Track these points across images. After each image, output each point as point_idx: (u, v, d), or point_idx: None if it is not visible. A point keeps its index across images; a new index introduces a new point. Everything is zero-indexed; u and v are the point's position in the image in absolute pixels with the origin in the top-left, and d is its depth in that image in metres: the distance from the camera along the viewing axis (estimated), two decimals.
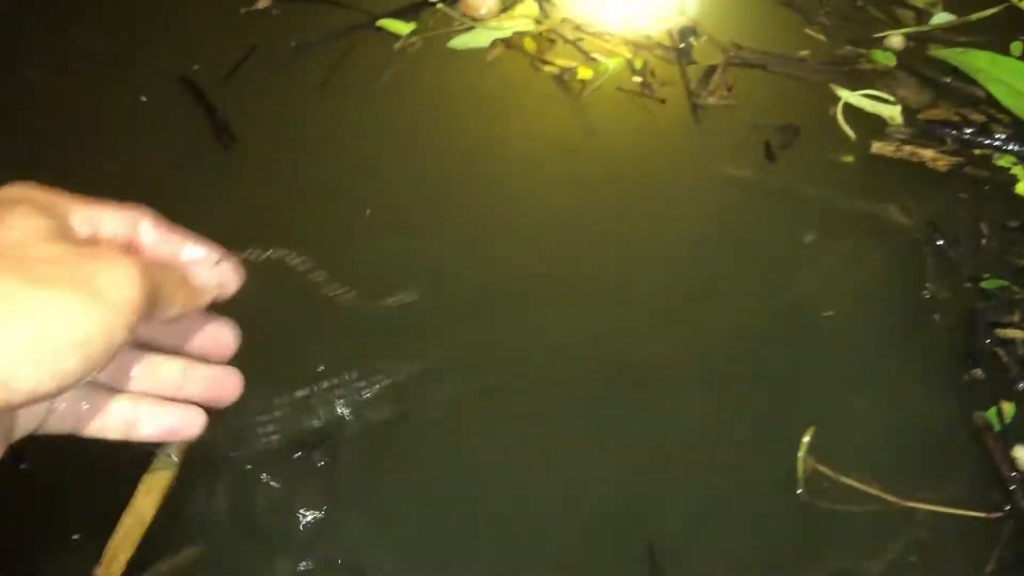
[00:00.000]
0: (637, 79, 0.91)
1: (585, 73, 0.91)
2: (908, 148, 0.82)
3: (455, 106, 0.90)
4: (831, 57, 0.92)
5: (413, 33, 0.96)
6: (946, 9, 0.96)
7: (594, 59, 0.93)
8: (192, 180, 0.82)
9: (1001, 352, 0.72)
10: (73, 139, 0.84)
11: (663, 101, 0.89)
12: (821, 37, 0.95)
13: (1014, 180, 0.80)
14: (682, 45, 0.93)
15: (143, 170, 0.81)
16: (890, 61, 0.90)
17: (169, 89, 0.88)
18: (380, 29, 0.95)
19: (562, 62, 0.93)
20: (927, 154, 0.82)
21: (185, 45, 0.93)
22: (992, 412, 0.70)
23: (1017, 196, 0.80)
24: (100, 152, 0.83)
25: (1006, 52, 0.90)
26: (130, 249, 0.40)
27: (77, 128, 0.85)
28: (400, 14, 0.97)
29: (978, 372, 0.71)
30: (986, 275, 0.75)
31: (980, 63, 0.88)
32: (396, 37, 0.95)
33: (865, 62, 0.91)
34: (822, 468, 0.65)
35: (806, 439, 0.66)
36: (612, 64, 0.92)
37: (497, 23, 0.96)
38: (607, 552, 0.63)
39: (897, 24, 0.95)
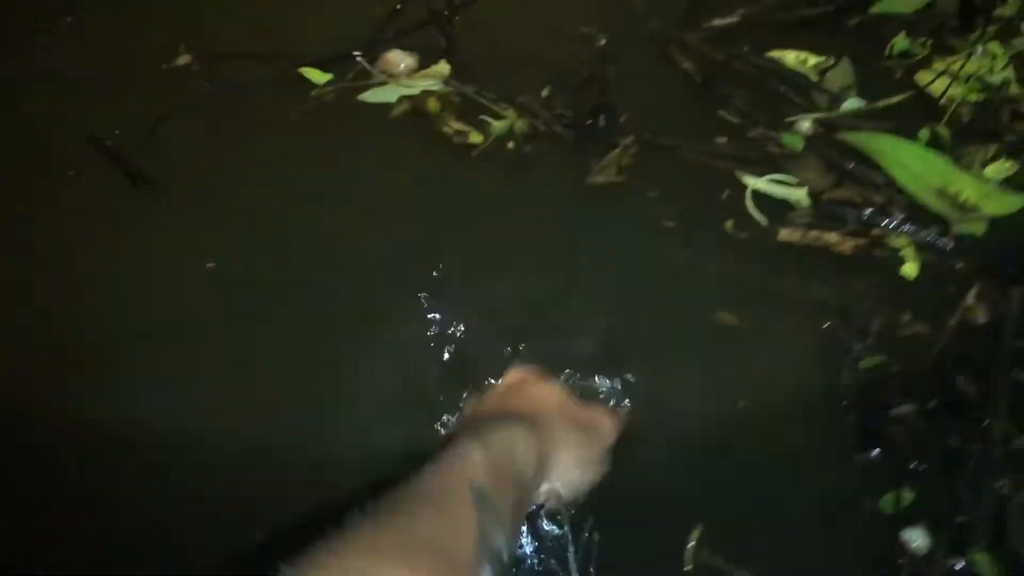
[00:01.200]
0: (526, 149, 0.95)
1: (476, 137, 0.95)
2: (813, 233, 0.84)
3: (355, 158, 0.96)
4: (743, 141, 0.95)
5: (330, 83, 1.01)
6: (859, 94, 1.00)
7: (486, 123, 0.97)
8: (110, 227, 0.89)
9: (896, 431, 0.74)
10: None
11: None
12: (735, 120, 0.97)
13: (902, 261, 0.82)
14: (589, 122, 0.96)
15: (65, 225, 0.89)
16: (797, 145, 0.93)
17: (84, 149, 0.96)
18: (300, 77, 1.02)
19: (456, 125, 0.96)
20: (831, 238, 0.84)
21: (105, 105, 0.99)
22: (889, 498, 0.71)
23: (902, 277, 0.82)
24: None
25: (912, 138, 0.93)
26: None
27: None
28: (321, 64, 1.03)
29: (875, 453, 0.73)
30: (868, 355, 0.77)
31: (883, 147, 0.91)
32: (314, 86, 1.01)
33: (774, 146, 0.94)
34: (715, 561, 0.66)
35: (696, 534, 0.67)
36: (497, 128, 0.96)
37: (410, 81, 1.00)
38: None
39: (812, 108, 0.98)
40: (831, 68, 1.03)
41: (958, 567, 0.68)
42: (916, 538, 0.69)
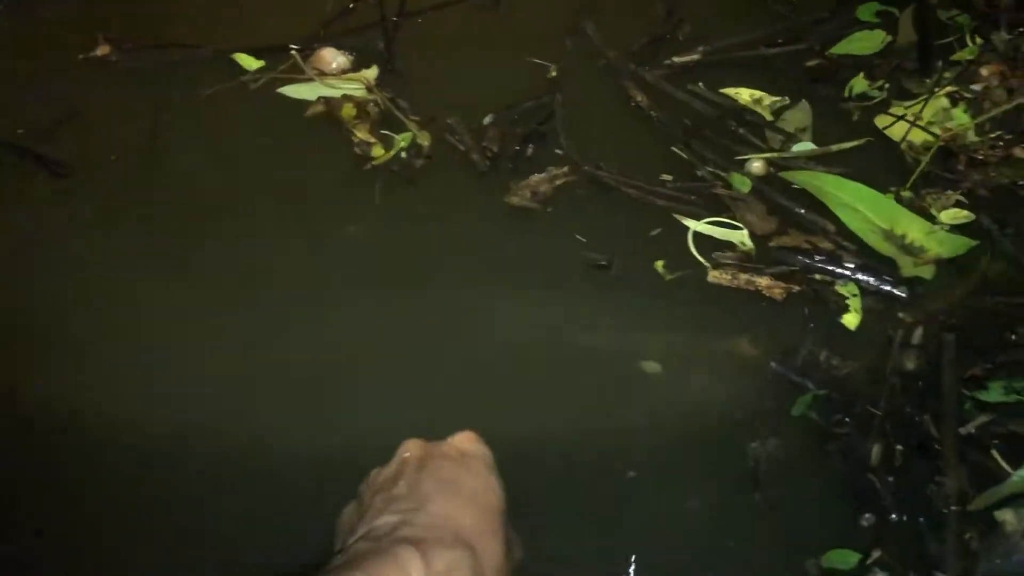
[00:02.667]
0: (425, 165, 0.95)
1: (378, 150, 0.95)
2: (744, 276, 0.81)
3: (259, 148, 0.98)
4: (690, 179, 0.93)
5: (260, 71, 1.03)
6: (816, 136, 0.97)
7: (390, 137, 0.96)
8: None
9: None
10: None
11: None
12: (685, 158, 0.95)
13: (845, 309, 0.79)
14: (517, 148, 0.95)
15: None
16: (745, 187, 0.90)
17: None
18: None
19: (363, 134, 0.96)
20: (762, 282, 0.81)
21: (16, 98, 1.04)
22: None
23: (842, 326, 0.79)
24: None
25: (869, 182, 0.90)
26: None
27: None
28: (256, 52, 1.05)
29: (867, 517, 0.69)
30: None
31: (828, 187, 0.88)
32: (244, 72, 1.03)
33: (722, 186, 0.91)
34: None
35: None
36: (399, 141, 0.95)
37: (334, 82, 0.99)
38: None
39: (765, 149, 0.96)
40: (788, 108, 1.01)
41: None
42: None
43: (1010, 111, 0.97)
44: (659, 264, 0.83)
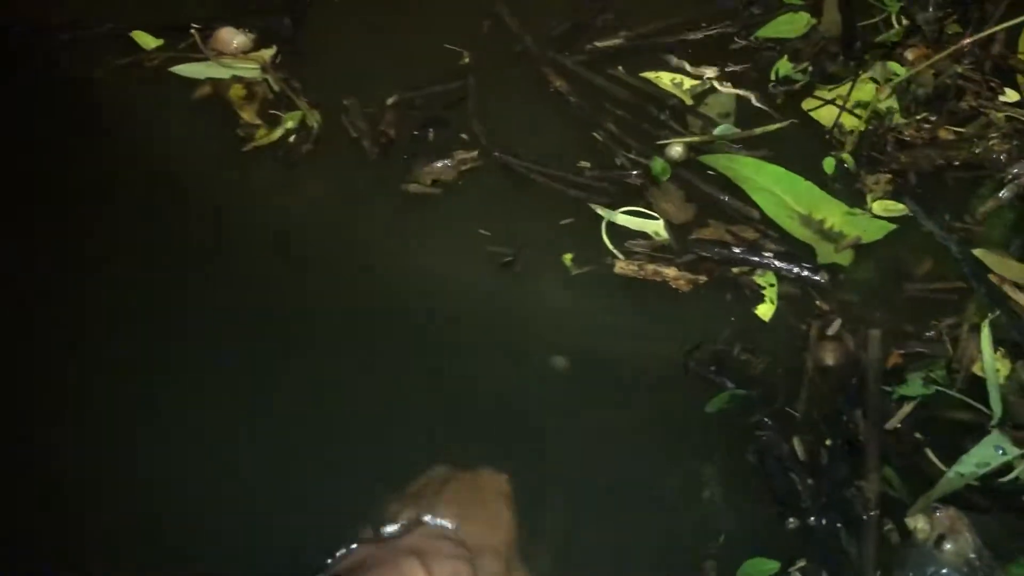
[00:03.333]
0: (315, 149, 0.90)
1: (262, 133, 0.90)
2: (651, 267, 0.77)
3: (140, 126, 0.93)
4: (607, 167, 0.88)
5: (159, 49, 0.99)
6: (740, 121, 0.94)
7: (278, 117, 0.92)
8: None
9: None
10: None
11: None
12: (605, 145, 0.91)
13: (761, 300, 0.75)
14: (416, 132, 0.91)
15: None
16: (664, 173, 0.86)
17: None
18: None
19: (247, 116, 0.92)
20: (670, 273, 0.77)
21: None
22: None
23: (757, 317, 0.75)
24: None
25: (794, 167, 0.87)
26: None
27: None
28: (156, 31, 1.00)
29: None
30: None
31: (747, 171, 0.84)
32: (143, 50, 0.99)
33: (640, 174, 0.87)
34: None
35: None
36: (286, 121, 0.91)
37: (230, 62, 0.96)
38: None
39: (686, 134, 0.92)
40: (711, 93, 0.97)
41: None
42: None
43: (935, 92, 0.94)
44: (567, 257, 0.78)
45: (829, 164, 0.88)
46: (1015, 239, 0.81)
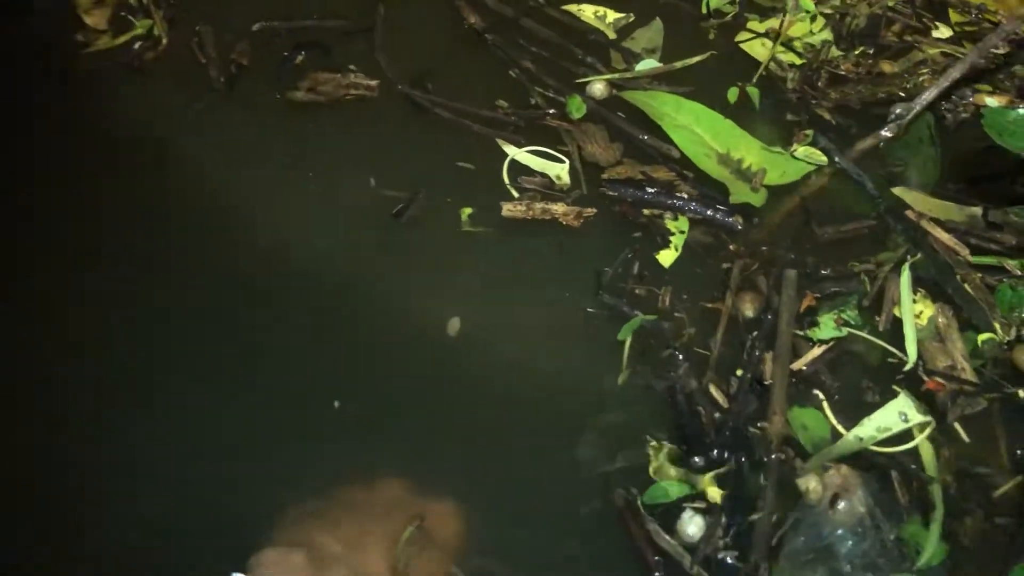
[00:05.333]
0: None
1: (105, 40, 0.86)
2: (539, 206, 0.73)
3: None
4: (522, 105, 0.84)
5: None
6: (667, 57, 0.89)
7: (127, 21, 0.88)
8: None
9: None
10: None
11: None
12: (520, 81, 0.86)
13: (667, 244, 0.72)
14: (286, 54, 0.86)
15: None
16: (580, 111, 0.82)
17: None
18: None
19: (92, 21, 0.88)
20: (558, 209, 0.73)
21: None
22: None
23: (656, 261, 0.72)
24: None
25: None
26: None
27: None
28: None
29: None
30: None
31: (666, 108, 0.80)
32: None
33: (557, 114, 0.82)
34: None
35: None
36: (139, 28, 0.87)
37: None
38: None
39: (608, 71, 0.87)
40: (638, 27, 0.92)
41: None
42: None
43: (868, 25, 0.90)
44: (466, 212, 0.74)
45: (754, 93, 0.84)
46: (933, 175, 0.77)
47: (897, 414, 0.63)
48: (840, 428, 0.64)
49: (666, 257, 0.71)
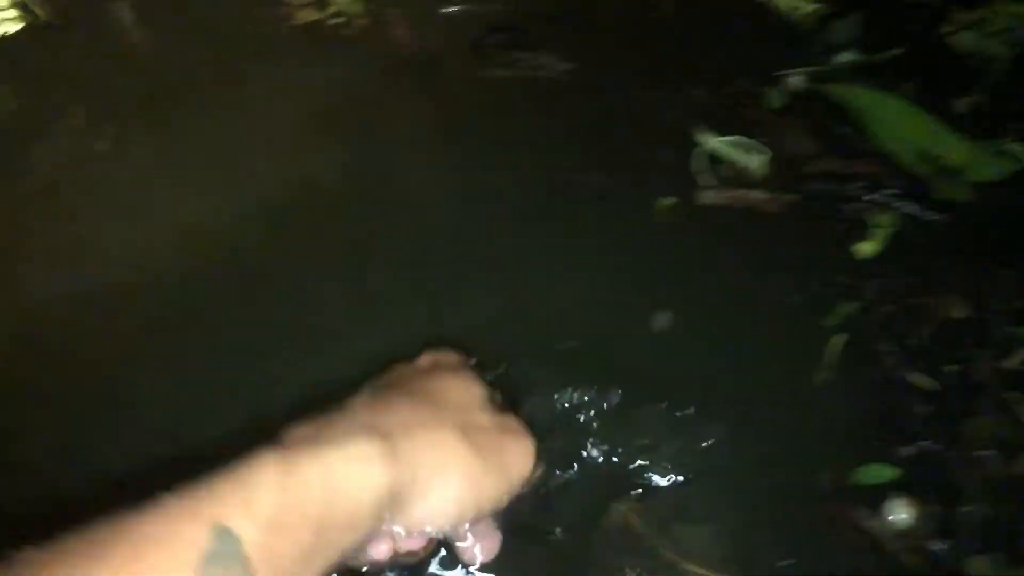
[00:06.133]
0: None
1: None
2: (737, 194, 0.75)
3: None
4: (716, 95, 0.85)
5: None
6: (865, 49, 0.88)
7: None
8: None
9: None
10: None
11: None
12: (713, 71, 0.87)
13: (865, 238, 0.72)
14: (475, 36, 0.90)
15: None
16: (777, 103, 0.82)
17: None
18: None
19: None
20: (758, 197, 0.75)
21: None
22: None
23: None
24: None
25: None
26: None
27: None
28: None
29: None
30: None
31: (865, 102, 0.79)
32: None
33: (751, 104, 0.84)
34: None
35: None
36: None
37: None
38: None
39: (805, 62, 0.87)
40: (837, 18, 0.92)
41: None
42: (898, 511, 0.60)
43: None
44: (665, 202, 0.76)
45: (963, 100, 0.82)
46: None
47: None
48: None
49: (868, 250, 0.71)
